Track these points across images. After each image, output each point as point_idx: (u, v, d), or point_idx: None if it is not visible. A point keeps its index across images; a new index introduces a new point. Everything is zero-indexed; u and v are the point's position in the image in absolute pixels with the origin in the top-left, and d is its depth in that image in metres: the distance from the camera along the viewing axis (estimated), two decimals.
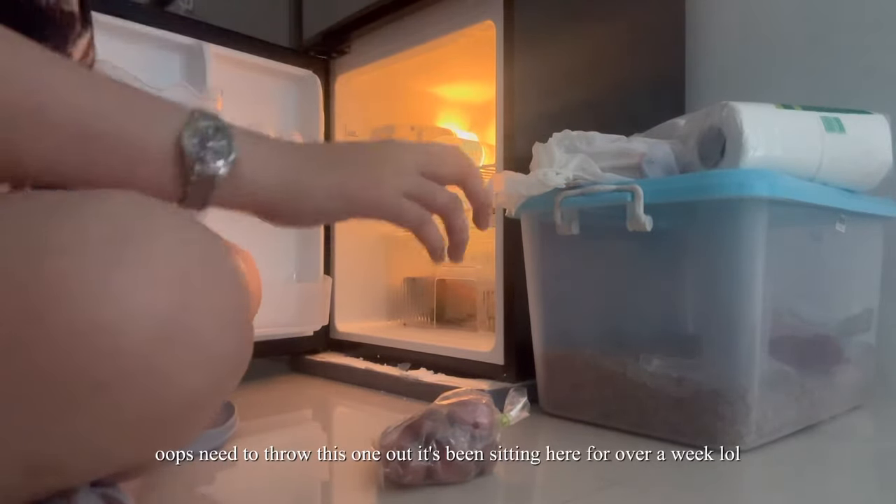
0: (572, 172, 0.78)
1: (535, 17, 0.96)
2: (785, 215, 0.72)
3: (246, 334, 0.40)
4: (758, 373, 0.70)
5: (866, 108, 0.82)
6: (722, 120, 0.73)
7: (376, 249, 1.38)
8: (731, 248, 0.70)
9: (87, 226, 0.34)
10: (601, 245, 0.82)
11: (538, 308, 0.88)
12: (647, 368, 0.76)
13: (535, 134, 0.87)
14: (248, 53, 1.12)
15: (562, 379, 0.86)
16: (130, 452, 0.39)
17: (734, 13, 1.22)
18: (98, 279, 0.33)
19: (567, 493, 0.59)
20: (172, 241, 0.37)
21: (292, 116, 1.23)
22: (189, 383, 0.36)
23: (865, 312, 0.92)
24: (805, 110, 0.77)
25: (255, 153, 0.43)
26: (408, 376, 1.01)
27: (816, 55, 1.11)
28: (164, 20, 1.00)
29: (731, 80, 1.21)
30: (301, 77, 1.22)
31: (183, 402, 0.37)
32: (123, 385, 0.34)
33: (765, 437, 0.72)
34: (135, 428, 0.36)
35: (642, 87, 1.13)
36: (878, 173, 0.82)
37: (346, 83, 1.27)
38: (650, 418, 0.76)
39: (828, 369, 0.85)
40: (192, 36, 1.02)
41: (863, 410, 0.90)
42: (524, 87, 0.95)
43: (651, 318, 0.79)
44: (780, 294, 0.73)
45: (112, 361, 0.33)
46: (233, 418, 0.79)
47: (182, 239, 0.37)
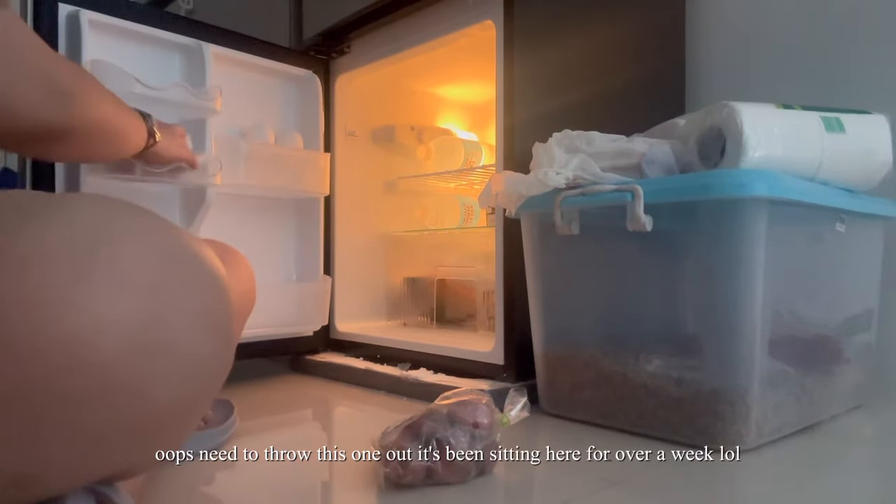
0: (572, 172, 0.78)
1: (535, 17, 0.97)
2: (785, 215, 0.72)
3: (225, 335, 0.39)
4: (758, 373, 0.70)
5: (866, 108, 0.82)
6: (722, 120, 0.73)
7: (376, 249, 1.38)
8: (731, 248, 0.70)
9: (51, 236, 0.33)
10: (601, 245, 0.82)
11: (538, 308, 0.88)
12: (647, 368, 0.76)
13: (535, 134, 0.87)
14: (248, 54, 1.12)
15: (562, 379, 0.86)
16: (115, 461, 0.38)
17: (734, 13, 1.22)
18: (64, 292, 0.32)
19: (567, 493, 0.59)
20: (140, 246, 0.36)
21: (292, 116, 1.23)
22: (166, 392, 0.35)
23: (865, 312, 0.92)
24: (805, 110, 0.77)
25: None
26: (408, 376, 1.01)
27: (816, 55, 1.11)
28: (163, 20, 1.00)
29: (731, 80, 1.21)
30: (301, 77, 1.22)
31: (161, 410, 0.36)
32: (95, 399, 0.33)
33: (765, 436, 0.72)
34: (113, 439, 0.35)
35: (642, 87, 1.13)
36: (878, 173, 0.82)
37: (346, 83, 1.27)
38: (650, 418, 0.76)
39: (828, 369, 0.85)
40: (191, 36, 1.02)
41: (863, 410, 0.90)
42: (524, 87, 0.95)
43: (651, 318, 0.79)
44: (780, 294, 0.73)
45: (82, 375, 0.32)
46: (232, 417, 0.79)
47: (150, 243, 0.36)
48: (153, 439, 0.38)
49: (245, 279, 0.75)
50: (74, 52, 0.89)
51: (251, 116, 1.14)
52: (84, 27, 0.89)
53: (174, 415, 0.37)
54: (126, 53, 0.96)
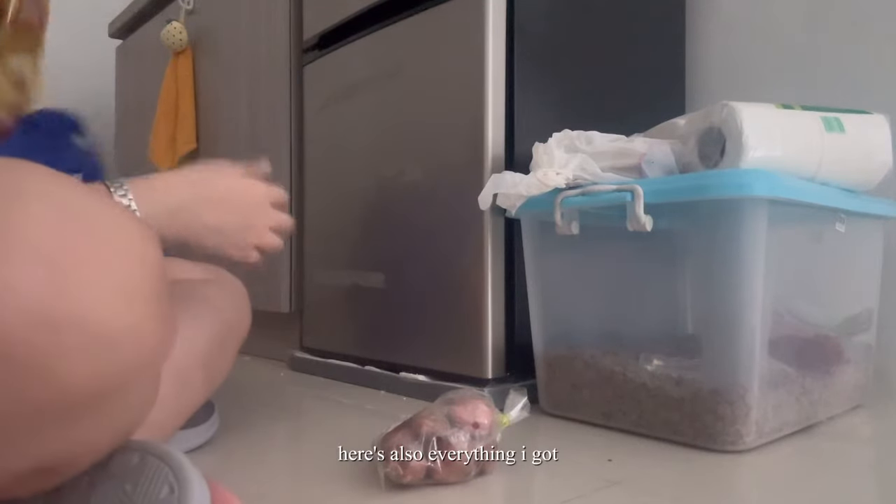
0: (572, 172, 0.78)
1: (535, 17, 0.96)
2: (785, 215, 0.72)
3: (149, 306, 0.35)
4: (757, 373, 0.70)
5: (866, 108, 0.82)
6: (722, 120, 0.73)
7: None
8: (730, 248, 0.70)
9: None
10: (601, 245, 0.82)
11: (538, 308, 0.88)
12: (647, 368, 0.76)
13: (535, 134, 0.87)
14: None
15: (562, 379, 0.86)
16: (29, 451, 0.34)
17: (734, 13, 1.22)
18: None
19: (567, 493, 0.59)
20: (43, 207, 0.32)
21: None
22: (76, 369, 0.32)
23: (865, 312, 0.92)
24: (805, 110, 0.77)
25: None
26: (408, 376, 1.01)
27: (816, 55, 1.11)
28: None
29: (731, 80, 1.21)
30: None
31: (74, 390, 0.32)
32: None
33: (765, 437, 0.72)
34: (20, 425, 0.32)
35: (642, 86, 1.13)
36: (878, 173, 0.82)
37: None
38: (650, 418, 0.76)
39: (828, 369, 0.85)
40: None
41: (862, 410, 0.90)
42: (524, 86, 0.95)
43: (651, 318, 0.79)
44: (780, 294, 0.73)
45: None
46: (212, 418, 0.77)
47: (55, 204, 0.32)
48: (73, 424, 0.34)
49: (237, 300, 0.73)
50: None
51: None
52: None
53: (92, 395, 0.33)
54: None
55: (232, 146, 1.48)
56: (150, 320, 0.35)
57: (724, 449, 0.70)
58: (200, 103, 1.59)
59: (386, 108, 1.10)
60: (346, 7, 1.16)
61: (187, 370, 0.63)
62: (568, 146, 0.81)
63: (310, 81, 1.28)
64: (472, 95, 0.94)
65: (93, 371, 0.32)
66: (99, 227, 0.34)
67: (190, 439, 0.72)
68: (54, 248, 0.31)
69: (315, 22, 1.25)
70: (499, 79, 0.96)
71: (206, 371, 0.66)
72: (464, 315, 0.95)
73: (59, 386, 0.31)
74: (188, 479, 0.38)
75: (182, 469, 0.39)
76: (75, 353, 0.31)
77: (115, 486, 0.39)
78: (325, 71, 1.24)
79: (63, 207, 0.33)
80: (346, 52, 1.18)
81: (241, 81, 1.46)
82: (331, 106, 1.22)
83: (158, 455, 0.40)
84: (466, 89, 0.95)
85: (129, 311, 0.33)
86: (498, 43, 0.96)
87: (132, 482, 0.39)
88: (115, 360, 0.33)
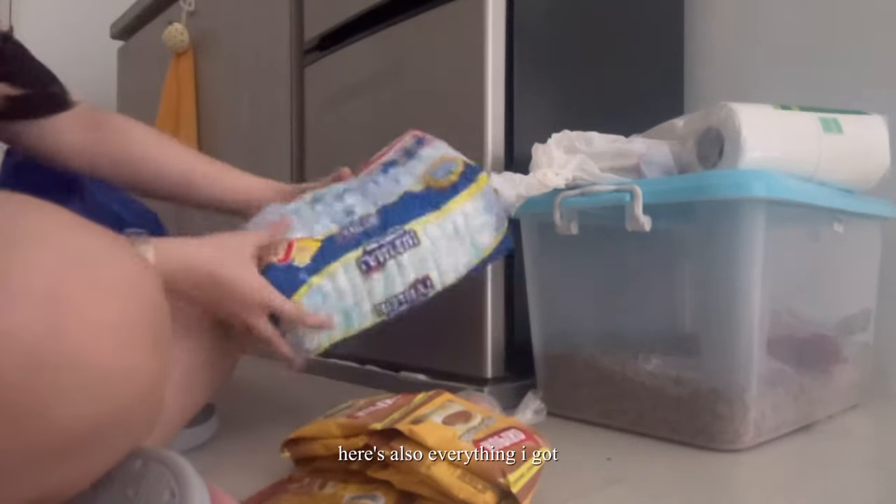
0: (571, 173, 0.79)
1: (535, 18, 0.97)
2: (783, 215, 0.72)
3: (148, 346, 0.35)
4: (756, 372, 0.70)
5: (865, 108, 0.83)
6: (720, 121, 0.73)
7: None
8: (729, 248, 0.71)
9: None
10: (600, 245, 0.82)
11: (538, 308, 0.89)
12: (646, 368, 0.77)
13: (535, 134, 0.87)
14: None
15: (562, 379, 0.86)
16: (23, 491, 0.34)
17: (734, 13, 1.22)
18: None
19: (567, 493, 0.59)
20: (39, 249, 0.32)
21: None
22: (72, 410, 0.32)
23: (863, 312, 0.92)
24: (803, 111, 0.77)
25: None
26: (408, 375, 1.01)
27: (816, 56, 1.12)
28: None
29: (731, 81, 1.22)
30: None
31: (70, 432, 0.32)
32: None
33: (763, 436, 0.72)
34: (17, 465, 0.32)
35: (642, 87, 1.14)
36: (876, 174, 0.83)
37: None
38: (649, 417, 0.76)
39: (826, 368, 0.85)
40: None
41: (860, 410, 0.90)
42: (524, 87, 0.95)
43: (650, 318, 0.80)
44: (779, 294, 0.73)
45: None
46: (212, 419, 0.77)
47: (51, 245, 0.32)
48: (71, 459, 0.34)
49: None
50: None
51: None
52: None
53: (89, 433, 0.33)
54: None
55: (233, 147, 1.49)
56: (148, 360, 0.35)
57: (722, 448, 0.70)
58: (202, 104, 1.59)
59: (386, 109, 1.10)
60: (346, 8, 1.16)
61: (191, 371, 0.64)
62: (567, 147, 0.82)
63: (311, 82, 1.28)
64: (472, 96, 0.95)
65: (90, 411, 0.33)
66: (96, 267, 0.34)
67: (189, 439, 0.72)
68: (52, 292, 0.31)
69: (316, 23, 1.26)
70: (499, 79, 0.96)
71: (211, 370, 0.67)
72: (464, 314, 0.95)
73: (57, 427, 0.32)
74: (189, 484, 0.39)
75: (183, 474, 0.39)
76: (72, 395, 0.32)
77: (118, 490, 0.40)
78: (325, 72, 1.24)
79: (61, 250, 0.33)
80: (346, 53, 1.19)
81: (242, 82, 1.46)
82: (332, 107, 1.22)
83: (161, 460, 0.40)
84: (466, 89, 0.96)
85: (125, 352, 0.34)
86: (498, 43, 0.96)
87: (134, 487, 0.40)
88: (112, 399, 0.33)
